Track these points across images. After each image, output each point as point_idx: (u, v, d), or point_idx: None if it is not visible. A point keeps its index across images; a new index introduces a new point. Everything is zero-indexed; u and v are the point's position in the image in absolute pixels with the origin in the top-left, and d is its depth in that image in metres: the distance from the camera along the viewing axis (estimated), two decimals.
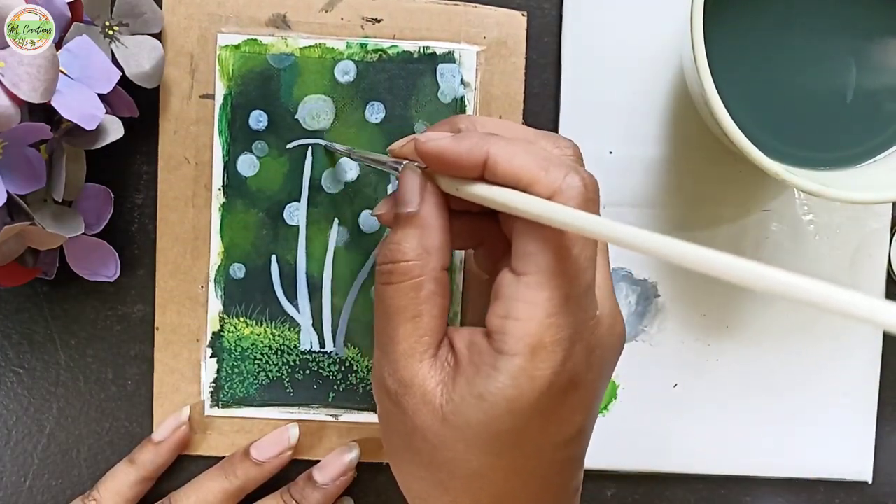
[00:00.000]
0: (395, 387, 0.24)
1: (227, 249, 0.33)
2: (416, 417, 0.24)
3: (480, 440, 0.23)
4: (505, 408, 0.22)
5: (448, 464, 0.24)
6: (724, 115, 0.27)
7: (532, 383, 0.22)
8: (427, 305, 0.24)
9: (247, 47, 0.32)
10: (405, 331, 0.24)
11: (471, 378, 0.23)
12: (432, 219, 0.25)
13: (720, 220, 0.34)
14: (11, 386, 0.34)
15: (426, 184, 0.25)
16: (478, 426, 0.23)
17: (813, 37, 0.29)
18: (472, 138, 0.24)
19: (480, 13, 0.32)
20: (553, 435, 0.24)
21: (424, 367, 0.24)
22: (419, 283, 0.24)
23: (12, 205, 0.28)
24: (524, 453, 0.24)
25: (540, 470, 0.24)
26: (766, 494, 0.35)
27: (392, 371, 0.24)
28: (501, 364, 0.22)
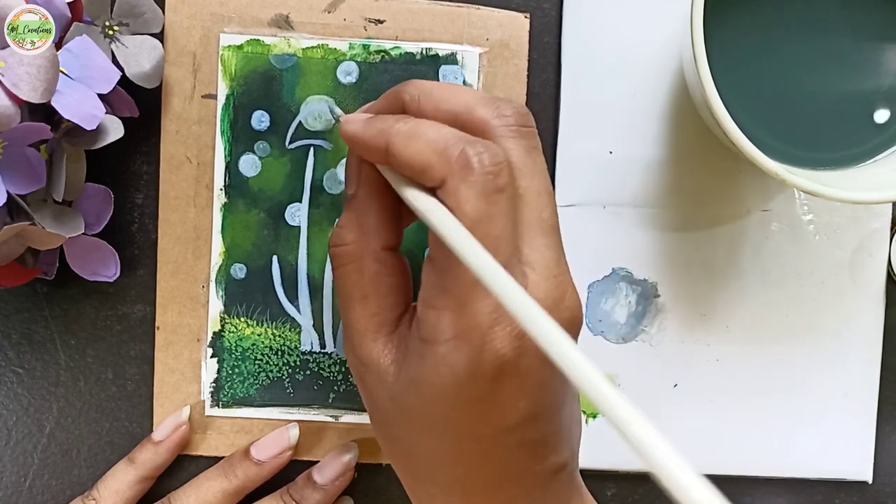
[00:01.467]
0: (357, 364, 0.25)
1: (229, 249, 0.33)
2: (374, 394, 0.25)
3: (421, 423, 0.23)
4: (432, 394, 0.23)
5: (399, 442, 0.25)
6: (724, 115, 0.27)
7: (452, 371, 0.22)
8: (372, 286, 0.25)
9: (249, 47, 0.32)
10: (356, 312, 0.25)
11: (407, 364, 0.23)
12: (368, 200, 0.25)
13: (720, 220, 0.34)
14: (11, 386, 0.34)
15: (363, 166, 0.25)
16: (416, 410, 0.23)
17: (813, 37, 0.29)
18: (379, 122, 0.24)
19: (483, 15, 0.32)
20: (494, 421, 0.23)
21: (378, 346, 0.25)
22: (360, 266, 0.25)
23: (12, 205, 0.28)
24: (467, 438, 0.23)
25: (491, 454, 0.24)
26: (766, 494, 0.35)
27: (352, 349, 0.25)
28: (425, 351, 0.23)
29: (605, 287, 0.34)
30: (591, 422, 0.34)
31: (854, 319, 0.34)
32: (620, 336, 0.34)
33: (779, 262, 0.34)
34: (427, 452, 0.24)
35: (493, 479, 0.24)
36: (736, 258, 0.34)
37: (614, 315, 0.34)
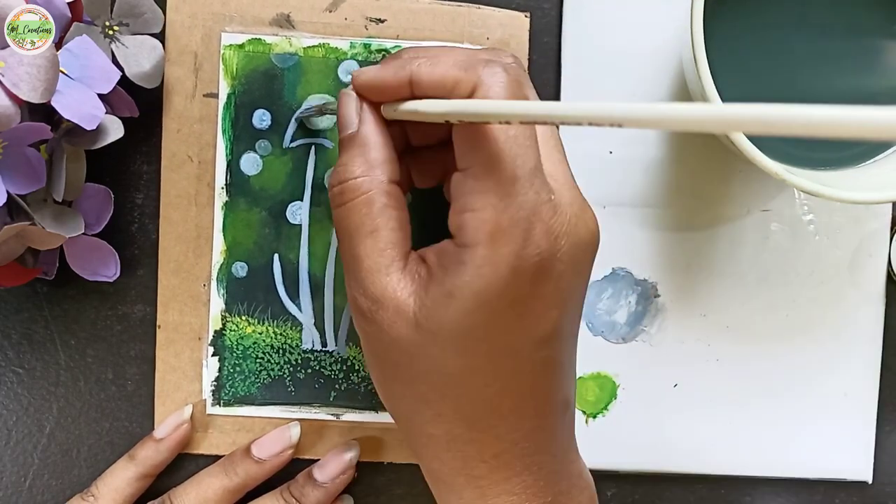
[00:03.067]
0: (368, 304, 0.25)
1: (230, 248, 0.33)
2: (391, 330, 0.24)
3: (454, 340, 0.23)
4: (473, 301, 0.23)
5: (427, 374, 0.24)
6: None
7: (496, 270, 0.22)
8: (382, 218, 0.25)
9: (250, 46, 0.32)
10: (366, 247, 0.25)
11: (440, 279, 0.23)
12: (372, 135, 0.25)
13: (720, 220, 0.34)
14: (11, 386, 0.34)
15: (362, 105, 0.26)
16: (450, 325, 0.23)
17: (813, 37, 0.29)
18: (396, 61, 0.25)
19: (484, 14, 0.32)
20: (527, 330, 0.24)
21: (393, 280, 0.24)
22: (370, 198, 0.25)
23: (12, 205, 0.28)
24: (499, 351, 0.24)
25: (519, 372, 0.24)
26: (766, 494, 0.35)
27: (362, 290, 0.25)
28: (465, 256, 0.23)
29: (605, 287, 0.34)
30: (591, 422, 0.34)
31: (854, 319, 0.34)
32: (620, 336, 0.34)
33: (779, 262, 0.34)
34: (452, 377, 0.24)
35: (516, 401, 0.25)
36: (736, 258, 0.34)
37: (614, 315, 0.34)
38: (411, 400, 0.25)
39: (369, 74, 0.26)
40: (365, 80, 0.26)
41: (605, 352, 0.34)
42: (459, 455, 0.25)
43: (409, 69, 0.24)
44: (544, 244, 0.23)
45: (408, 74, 0.24)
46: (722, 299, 0.34)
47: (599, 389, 0.34)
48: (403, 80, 0.25)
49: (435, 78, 0.24)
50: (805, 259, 0.34)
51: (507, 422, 0.25)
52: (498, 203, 0.22)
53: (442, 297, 0.23)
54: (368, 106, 0.26)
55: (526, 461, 0.25)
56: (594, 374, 0.34)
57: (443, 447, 0.25)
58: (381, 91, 0.25)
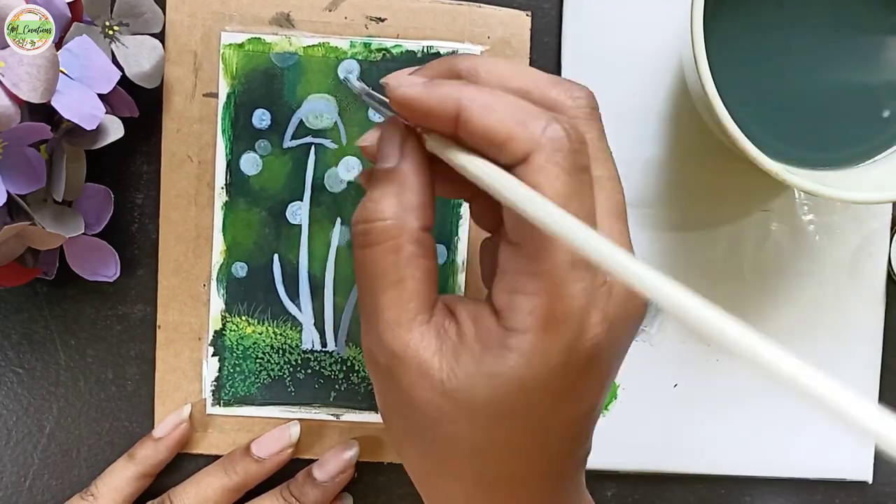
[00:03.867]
0: (386, 359, 0.22)
1: (230, 248, 0.33)
2: (412, 391, 0.22)
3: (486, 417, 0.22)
4: (517, 387, 0.21)
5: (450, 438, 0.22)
6: (724, 115, 0.27)
7: (546, 361, 0.20)
8: (410, 269, 0.22)
9: (250, 46, 0.32)
10: (388, 298, 0.22)
11: (478, 356, 0.21)
12: (412, 175, 0.22)
13: (720, 220, 0.34)
14: (11, 386, 0.34)
15: (408, 139, 0.23)
16: (485, 404, 0.21)
17: (813, 36, 0.29)
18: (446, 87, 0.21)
19: (484, 13, 0.32)
20: (565, 413, 0.22)
21: (415, 337, 0.22)
22: (398, 245, 0.22)
23: (12, 205, 0.28)
24: (532, 430, 0.22)
25: (548, 445, 0.23)
26: (766, 494, 0.35)
27: (380, 343, 0.23)
28: (512, 342, 0.21)
29: None
30: None
31: (854, 319, 0.34)
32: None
33: (779, 262, 0.34)
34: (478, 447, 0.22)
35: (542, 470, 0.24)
36: (736, 258, 0.34)
37: None
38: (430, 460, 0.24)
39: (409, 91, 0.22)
40: (403, 96, 0.22)
41: None
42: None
43: (457, 99, 0.21)
44: (599, 332, 0.21)
45: (455, 107, 0.21)
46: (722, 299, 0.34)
47: None
48: (449, 112, 0.21)
49: (485, 125, 0.21)
50: (805, 259, 0.34)
51: (528, 488, 0.24)
52: (553, 290, 0.20)
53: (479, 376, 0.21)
54: (413, 142, 0.23)
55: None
56: None
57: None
58: (421, 117, 0.22)
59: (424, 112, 0.22)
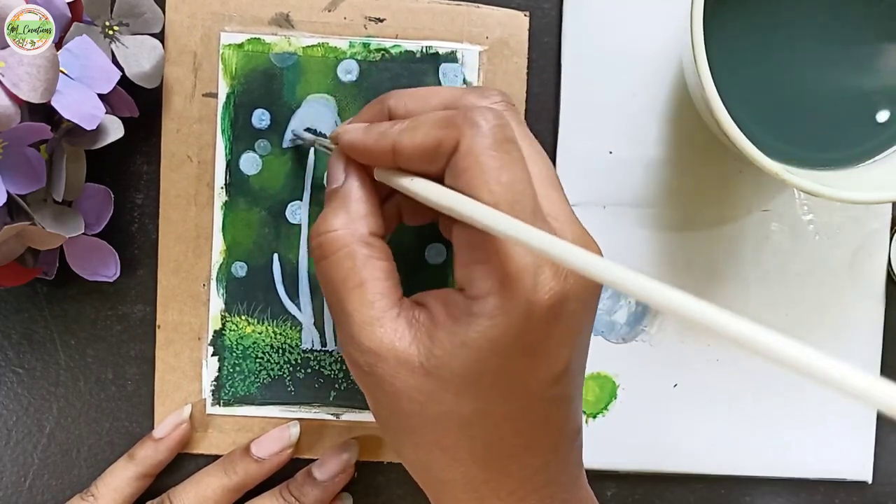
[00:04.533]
0: (364, 358, 0.24)
1: (229, 248, 0.33)
2: (395, 381, 0.24)
3: (468, 386, 0.23)
4: (488, 349, 0.22)
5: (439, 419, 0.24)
6: (724, 115, 0.27)
7: (509, 318, 0.22)
8: (367, 270, 0.24)
9: (250, 46, 0.32)
10: (353, 301, 0.24)
11: (451, 329, 0.23)
12: (355, 190, 0.26)
13: (720, 220, 0.34)
14: (11, 386, 0.34)
15: (350, 163, 0.26)
16: (464, 373, 0.23)
17: (813, 37, 0.29)
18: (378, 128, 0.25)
19: (483, 13, 0.32)
20: (540, 371, 0.24)
21: (388, 331, 0.24)
22: (351, 252, 0.25)
23: (12, 205, 0.28)
24: (513, 394, 0.24)
25: (531, 412, 0.24)
26: (766, 494, 0.35)
27: (355, 344, 0.24)
28: (476, 308, 0.22)
29: (606, 287, 0.34)
30: (591, 422, 0.34)
31: (854, 319, 0.34)
32: (620, 336, 0.34)
33: (779, 262, 0.34)
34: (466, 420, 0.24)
35: (529, 439, 0.25)
36: (736, 258, 0.34)
37: (614, 315, 0.34)
38: (424, 448, 0.25)
39: (352, 136, 0.26)
40: (348, 141, 0.26)
41: (605, 352, 0.34)
42: (476, 496, 0.25)
43: (390, 138, 0.24)
44: (554, 285, 0.23)
45: (389, 144, 0.24)
46: (722, 299, 0.34)
47: (599, 389, 0.34)
48: (386, 149, 0.24)
49: (415, 144, 0.24)
50: (805, 259, 0.34)
51: (520, 459, 0.25)
52: (503, 253, 0.22)
53: (454, 347, 0.23)
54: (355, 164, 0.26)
55: (541, 493, 0.25)
56: (594, 374, 0.34)
57: (460, 489, 0.25)
58: (365, 156, 0.25)
59: (367, 152, 0.25)
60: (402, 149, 0.24)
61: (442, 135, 0.23)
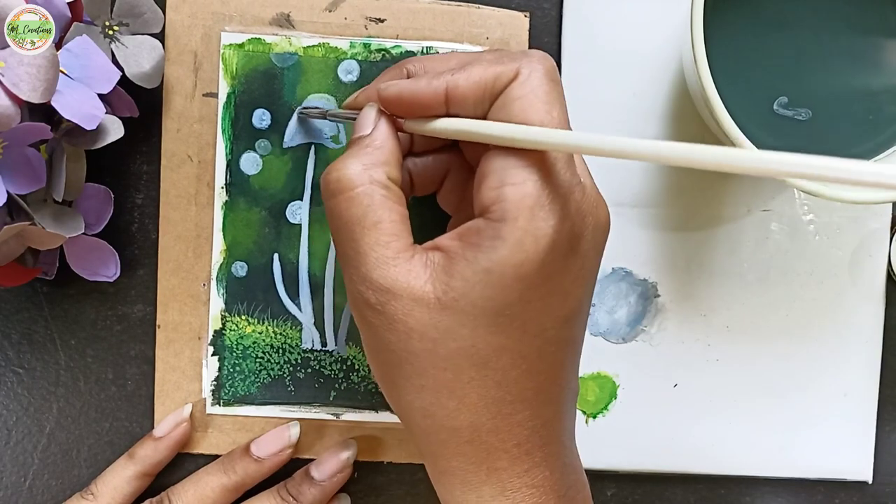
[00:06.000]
0: (376, 296, 0.24)
1: (230, 248, 0.33)
2: (408, 319, 0.24)
3: (487, 318, 0.23)
4: (512, 275, 0.23)
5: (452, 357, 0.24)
6: (723, 115, 0.27)
7: (536, 243, 0.23)
8: (384, 210, 0.24)
9: (250, 46, 0.32)
10: (370, 239, 0.24)
11: (472, 258, 0.23)
12: (380, 138, 0.25)
13: (720, 220, 0.34)
14: (11, 386, 0.34)
15: (381, 115, 0.26)
16: (485, 303, 0.23)
17: (813, 37, 0.29)
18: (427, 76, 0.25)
19: (483, 14, 0.32)
20: (555, 308, 0.24)
21: (402, 270, 0.24)
22: (370, 189, 0.24)
23: (12, 205, 0.28)
24: (529, 329, 0.24)
25: (544, 353, 0.24)
26: (766, 494, 0.35)
27: (368, 283, 0.24)
28: (504, 231, 0.23)
29: (606, 287, 0.34)
30: (591, 422, 0.34)
31: (854, 319, 0.34)
32: (620, 336, 0.34)
33: (779, 262, 0.34)
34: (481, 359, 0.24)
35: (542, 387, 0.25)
36: (736, 258, 0.34)
37: (614, 315, 0.34)
38: (432, 391, 0.24)
39: (401, 87, 0.25)
40: (395, 92, 0.25)
41: (605, 352, 0.34)
42: (483, 447, 0.25)
43: (443, 79, 0.24)
44: (577, 220, 0.24)
45: (443, 85, 0.24)
46: (722, 299, 0.34)
47: (599, 389, 0.34)
48: (438, 92, 0.24)
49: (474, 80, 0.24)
50: (805, 259, 0.34)
51: (530, 406, 0.25)
52: (539, 178, 0.23)
53: (476, 276, 0.23)
54: (386, 118, 0.26)
55: (545, 451, 0.25)
56: (594, 374, 0.34)
57: (465, 439, 0.25)
58: (415, 105, 0.25)
59: (416, 100, 0.25)
60: (457, 87, 0.24)
61: (500, 69, 0.24)
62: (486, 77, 0.24)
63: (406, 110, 0.26)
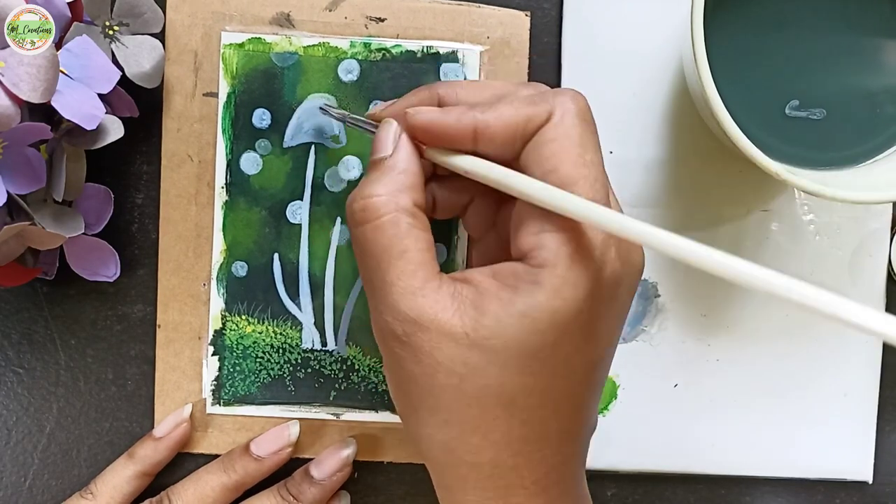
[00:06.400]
0: (403, 328, 0.23)
1: (230, 247, 0.33)
2: (435, 352, 0.23)
3: (519, 359, 0.23)
4: (548, 321, 0.22)
5: (478, 394, 0.23)
6: (724, 115, 0.27)
7: (575, 292, 0.22)
8: (411, 239, 0.24)
9: (250, 46, 0.32)
10: (397, 269, 0.24)
11: (507, 299, 0.23)
12: (403, 162, 0.25)
13: (720, 220, 0.34)
14: (11, 386, 0.34)
15: (401, 134, 0.25)
16: (518, 345, 0.23)
17: (813, 37, 0.29)
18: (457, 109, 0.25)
19: (484, 13, 0.32)
20: (588, 353, 0.24)
21: (430, 301, 0.23)
22: (396, 218, 0.24)
23: (12, 205, 0.28)
24: (559, 373, 0.24)
25: (571, 395, 0.24)
26: (766, 494, 0.35)
27: (395, 314, 0.24)
28: (543, 277, 0.22)
29: None
30: None
31: None
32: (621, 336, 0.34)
33: (779, 262, 0.34)
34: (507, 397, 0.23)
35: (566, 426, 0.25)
36: None
37: None
38: (456, 427, 0.24)
39: (431, 118, 0.25)
40: (424, 122, 0.25)
41: None
42: (502, 483, 0.24)
43: (472, 116, 0.24)
44: (616, 266, 0.23)
45: (472, 123, 0.24)
46: (722, 299, 0.34)
47: None
48: (467, 128, 0.24)
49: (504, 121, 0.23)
50: (805, 259, 0.34)
51: (552, 445, 0.24)
52: (578, 226, 0.22)
53: (511, 318, 0.22)
54: (406, 137, 0.25)
55: (561, 487, 0.25)
56: None
57: (485, 475, 0.24)
58: (442, 138, 0.25)
59: (444, 133, 0.24)
60: (487, 127, 0.24)
61: (531, 111, 0.23)
62: (518, 119, 0.23)
63: (432, 141, 0.25)
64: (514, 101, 0.24)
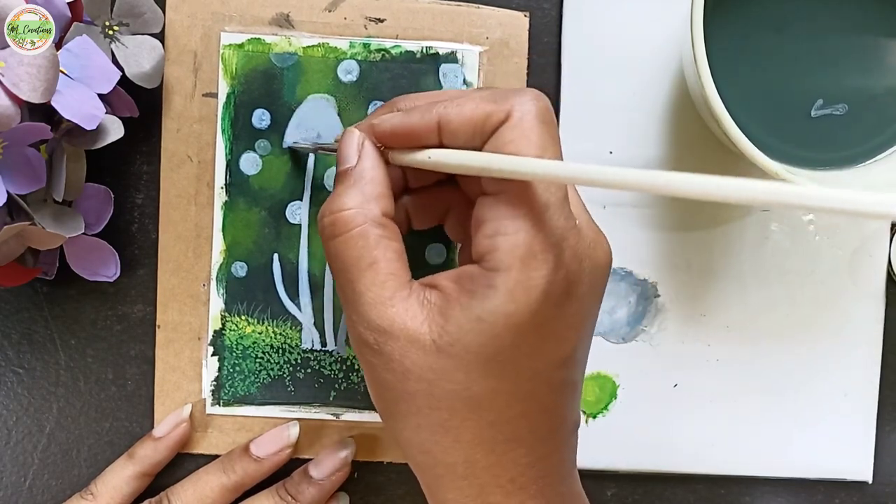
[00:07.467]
0: (374, 337, 0.24)
1: (229, 248, 0.33)
2: (404, 360, 0.24)
3: (481, 363, 0.23)
4: (503, 324, 0.23)
5: (447, 399, 0.24)
6: (724, 115, 0.27)
7: (528, 294, 0.23)
8: (380, 250, 0.24)
9: (250, 46, 0.32)
10: (366, 280, 0.24)
11: (466, 304, 0.23)
12: (369, 170, 0.25)
13: (720, 220, 0.34)
14: (11, 386, 0.34)
15: (363, 142, 0.26)
16: (478, 349, 0.23)
17: (813, 37, 0.29)
18: (419, 109, 0.25)
19: (483, 14, 0.32)
20: (549, 352, 0.24)
21: (399, 310, 0.24)
22: (364, 231, 0.25)
23: (12, 205, 0.28)
24: (523, 373, 0.24)
25: (538, 394, 0.24)
26: (766, 494, 0.35)
27: (366, 323, 0.24)
28: (496, 280, 0.23)
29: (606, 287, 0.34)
30: (591, 422, 0.34)
31: (854, 319, 0.34)
32: (620, 336, 0.34)
33: (779, 262, 0.34)
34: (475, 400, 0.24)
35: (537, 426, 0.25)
36: (735, 258, 0.34)
37: (614, 315, 0.34)
38: (428, 430, 0.25)
39: (393, 121, 0.25)
40: (389, 127, 0.25)
41: (605, 352, 0.34)
42: (477, 483, 0.25)
43: (435, 112, 0.24)
44: (573, 267, 0.23)
45: (435, 118, 0.24)
46: (722, 299, 0.34)
47: (599, 389, 0.34)
48: (431, 124, 0.24)
49: (465, 116, 0.24)
50: (805, 259, 0.34)
51: (524, 445, 0.25)
52: (531, 228, 0.23)
53: (469, 323, 0.23)
54: (369, 144, 0.26)
55: (539, 484, 0.25)
56: (594, 374, 0.34)
57: (460, 475, 0.25)
58: (408, 137, 0.25)
59: (409, 132, 0.25)
60: (449, 122, 0.24)
61: (492, 108, 0.23)
62: (477, 114, 0.24)
63: (401, 143, 0.26)
64: (475, 96, 0.24)
